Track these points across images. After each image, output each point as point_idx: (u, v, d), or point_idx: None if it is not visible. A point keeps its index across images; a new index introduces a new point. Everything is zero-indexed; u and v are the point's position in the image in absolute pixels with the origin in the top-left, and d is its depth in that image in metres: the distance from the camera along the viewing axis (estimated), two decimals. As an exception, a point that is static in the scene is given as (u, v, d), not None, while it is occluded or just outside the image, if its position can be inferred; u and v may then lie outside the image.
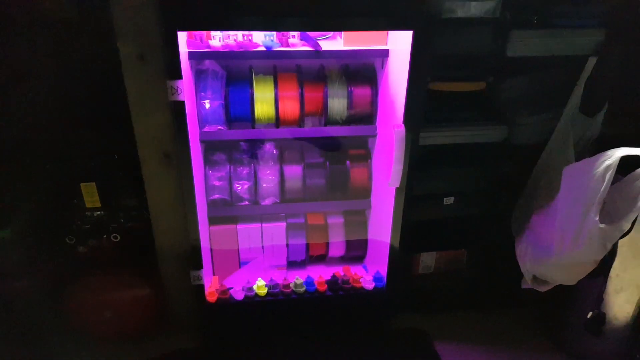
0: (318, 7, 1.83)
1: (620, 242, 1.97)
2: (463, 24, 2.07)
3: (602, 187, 1.82)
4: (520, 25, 2.09)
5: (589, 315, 2.21)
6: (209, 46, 2.07)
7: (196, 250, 2.17)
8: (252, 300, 2.33)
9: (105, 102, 1.99)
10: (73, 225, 2.16)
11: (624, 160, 1.83)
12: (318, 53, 2.11)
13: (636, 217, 1.85)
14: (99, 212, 2.16)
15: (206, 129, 2.23)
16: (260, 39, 2.10)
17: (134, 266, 2.28)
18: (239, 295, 2.33)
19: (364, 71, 2.32)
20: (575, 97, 2.18)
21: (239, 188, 2.40)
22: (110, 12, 1.75)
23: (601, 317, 2.21)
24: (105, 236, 2.19)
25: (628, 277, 2.12)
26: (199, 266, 2.20)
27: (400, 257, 2.33)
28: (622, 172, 1.85)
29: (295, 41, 2.10)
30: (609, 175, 1.81)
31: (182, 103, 1.87)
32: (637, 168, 1.83)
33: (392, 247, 2.29)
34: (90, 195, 2.10)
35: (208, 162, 2.38)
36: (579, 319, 2.28)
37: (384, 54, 2.16)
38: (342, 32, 2.12)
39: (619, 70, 2.16)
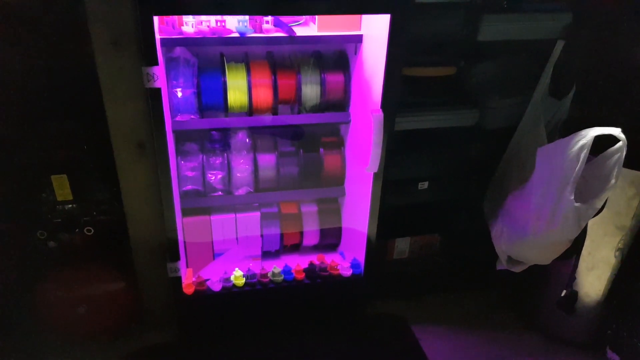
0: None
1: (591, 221, 2.03)
2: (436, 8, 2.08)
3: (577, 167, 1.87)
4: (491, 10, 2.12)
5: (562, 294, 2.28)
6: (181, 32, 2.02)
7: (173, 241, 2.12)
8: (230, 291, 2.30)
9: (76, 90, 1.90)
10: (44, 219, 2.07)
11: (595, 140, 1.87)
12: (292, 39, 2.08)
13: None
14: (70, 205, 2.07)
15: (178, 118, 2.17)
16: (234, 24, 2.06)
17: (108, 260, 2.21)
18: (216, 286, 2.29)
19: (336, 58, 2.30)
20: (544, 80, 2.22)
21: (212, 178, 2.36)
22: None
23: (574, 295, 2.28)
24: (77, 230, 2.11)
25: (599, 255, 2.18)
26: (176, 258, 2.15)
27: (377, 243, 2.33)
28: (594, 152, 1.90)
29: (269, 27, 2.07)
30: (583, 155, 1.85)
31: (159, 90, 1.81)
32: (608, 148, 1.88)
33: (369, 233, 2.29)
34: (61, 187, 2.02)
35: (180, 152, 2.32)
36: (552, 298, 2.35)
37: (358, 39, 2.15)
38: (316, 18, 2.09)
39: (586, 54, 2.22)
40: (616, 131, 1.85)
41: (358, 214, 2.37)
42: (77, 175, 2.05)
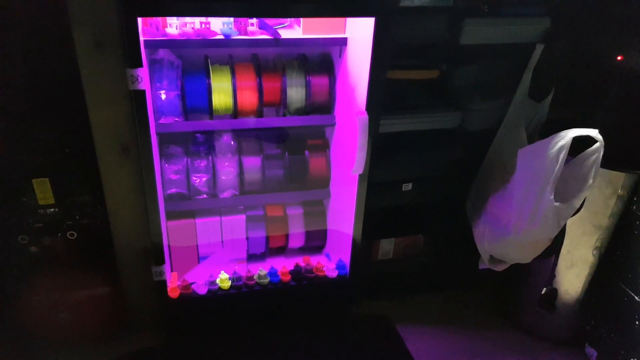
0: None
1: (570, 220, 2.08)
2: (419, 12, 2.11)
3: (556, 167, 1.92)
4: (472, 14, 2.16)
5: (542, 292, 2.33)
6: (165, 34, 2.00)
7: (157, 245, 2.10)
8: (216, 294, 2.29)
9: (58, 92, 1.87)
10: (25, 224, 2.03)
11: (574, 141, 1.93)
12: (277, 41, 2.09)
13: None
14: (52, 209, 2.04)
15: (162, 120, 2.15)
16: (219, 26, 2.05)
17: (92, 264, 2.18)
18: (201, 289, 2.28)
19: (321, 60, 2.32)
20: (524, 83, 2.28)
21: (197, 181, 2.34)
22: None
23: (553, 293, 2.33)
24: (60, 234, 2.07)
25: (578, 253, 2.24)
26: (161, 262, 2.13)
27: (362, 244, 2.35)
28: (572, 152, 1.95)
29: (253, 29, 2.07)
30: (562, 156, 1.91)
31: (143, 92, 1.80)
32: (586, 149, 1.94)
33: (354, 235, 2.31)
34: (43, 191, 1.98)
35: (164, 155, 2.30)
36: (533, 296, 2.40)
37: (343, 42, 2.17)
38: (301, 21, 2.11)
39: (564, 57, 2.28)
40: (594, 132, 1.91)
41: (343, 215, 2.39)
42: (60, 179, 2.01)
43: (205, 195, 2.36)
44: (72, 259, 2.14)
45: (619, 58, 2.19)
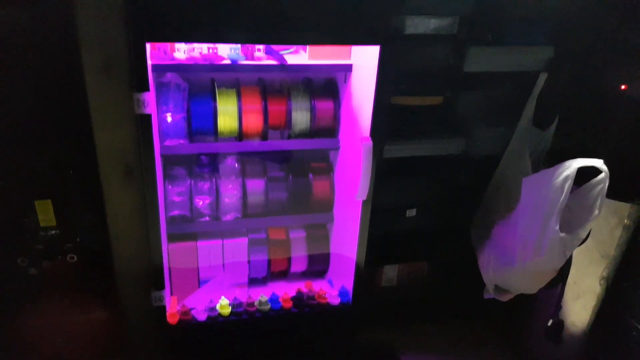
0: (294, 22, 1.83)
1: (576, 250, 2.06)
2: (424, 40, 2.13)
3: (562, 197, 1.90)
4: (476, 42, 2.18)
5: (549, 323, 2.28)
6: (173, 58, 2.03)
7: (158, 269, 2.08)
8: (215, 320, 2.25)
9: (64, 114, 1.88)
10: (25, 245, 2.01)
11: (578, 170, 1.92)
12: (283, 67, 2.11)
13: (591, 226, 1.95)
14: (53, 231, 2.02)
15: (167, 142, 2.16)
16: (226, 52, 2.08)
17: (91, 288, 2.15)
18: (201, 315, 2.25)
19: (326, 85, 2.33)
20: (528, 111, 2.28)
21: (200, 203, 2.34)
22: (74, 21, 1.67)
23: (560, 325, 2.28)
24: (60, 256, 2.05)
25: (585, 284, 2.20)
26: (161, 286, 2.11)
27: (365, 270, 2.32)
28: (577, 182, 1.94)
29: (260, 55, 2.10)
30: (567, 186, 1.89)
31: (149, 116, 1.81)
32: (591, 178, 1.92)
33: (358, 261, 2.28)
34: (44, 213, 1.97)
35: (167, 176, 2.30)
36: (539, 327, 2.35)
37: (348, 68, 2.19)
38: (307, 47, 2.13)
39: (567, 86, 2.28)
40: (599, 163, 1.89)
41: (346, 240, 2.37)
42: (62, 201, 2.00)
43: (207, 218, 2.35)
44: (72, 282, 2.11)
45: (622, 87, 2.19)
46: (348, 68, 2.19)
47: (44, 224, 2.01)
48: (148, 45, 1.77)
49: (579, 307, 2.26)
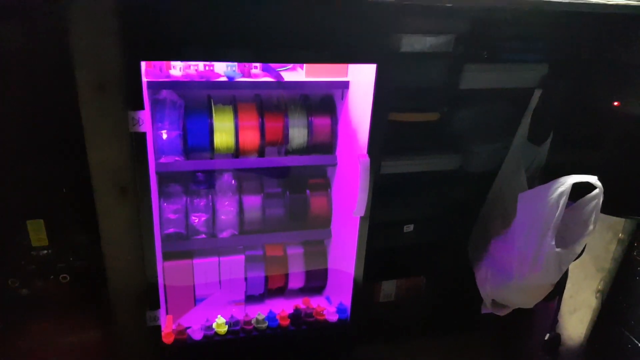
0: (291, 41, 1.83)
1: (572, 264, 2.07)
2: (420, 57, 2.14)
3: (557, 213, 1.92)
4: (472, 60, 2.19)
5: (546, 337, 2.30)
6: (168, 76, 2.02)
7: (154, 288, 2.05)
8: (212, 339, 2.22)
9: (57, 133, 1.85)
10: (17, 266, 1.97)
11: (573, 185, 1.94)
12: (280, 84, 2.11)
13: (586, 240, 1.97)
14: (46, 251, 1.98)
15: (162, 160, 2.14)
16: (222, 69, 2.07)
17: (84, 309, 2.10)
18: (197, 335, 2.21)
19: (323, 102, 2.34)
20: (523, 127, 2.30)
21: (196, 221, 2.32)
22: (68, 39, 1.65)
23: (557, 338, 2.30)
24: (52, 276, 2.01)
25: (581, 297, 2.23)
26: (156, 306, 2.07)
27: (363, 286, 2.31)
28: (571, 197, 1.96)
29: (257, 72, 2.09)
30: (562, 202, 1.91)
31: (144, 134, 1.79)
32: (585, 194, 1.94)
33: (356, 277, 2.27)
34: (37, 232, 1.93)
35: (163, 194, 2.28)
36: (536, 340, 2.37)
37: (345, 85, 2.19)
38: (304, 64, 2.13)
39: (562, 102, 2.31)
40: (593, 179, 1.92)
41: (344, 256, 2.36)
42: (54, 220, 1.97)
43: (204, 235, 2.33)
44: (64, 303, 2.06)
45: (615, 104, 2.22)
46: (345, 85, 2.19)
47: (35, 244, 1.97)
48: (143, 64, 1.75)
49: (576, 320, 2.28)
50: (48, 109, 1.83)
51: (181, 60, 1.99)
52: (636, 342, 2.07)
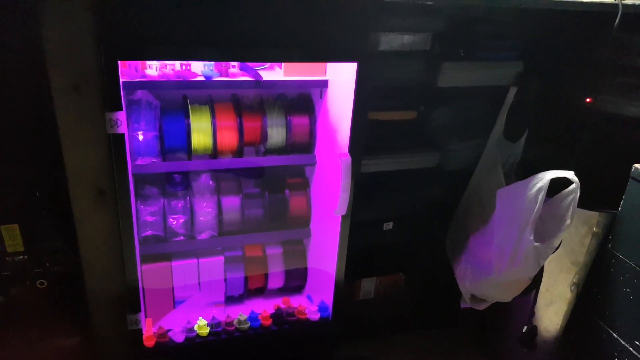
0: (268, 40, 1.81)
1: (548, 258, 2.11)
2: (398, 56, 2.15)
3: (535, 208, 1.96)
4: (449, 58, 2.22)
5: (523, 330, 2.34)
6: (144, 75, 1.97)
7: (134, 292, 2.02)
8: (193, 342, 2.20)
9: (31, 135, 1.80)
10: (-9, 273, 1.92)
11: (550, 181, 1.98)
12: (258, 83, 2.09)
13: (562, 235, 2.01)
14: (21, 257, 1.93)
15: (139, 161, 2.10)
16: (200, 68, 2.04)
17: (62, 314, 2.06)
18: (179, 337, 2.19)
19: (301, 101, 2.32)
20: (499, 124, 2.33)
21: (174, 223, 2.28)
22: (42, 39, 1.60)
23: (534, 331, 2.35)
24: (28, 282, 1.96)
25: (556, 290, 2.27)
26: (136, 309, 2.04)
27: (345, 284, 2.32)
28: (548, 193, 2.00)
29: (235, 71, 2.07)
30: (540, 197, 1.95)
31: (122, 136, 1.75)
32: (561, 189, 1.98)
33: (337, 275, 2.27)
34: (12, 238, 1.88)
35: (139, 196, 2.24)
36: (513, 334, 2.41)
37: (324, 84, 2.18)
38: (282, 63, 2.12)
39: (537, 99, 2.35)
40: (570, 174, 1.96)
41: (324, 255, 2.36)
42: (30, 225, 1.92)
43: (182, 237, 2.30)
44: (42, 309, 2.02)
45: (588, 100, 2.28)
46: (324, 84, 2.18)
47: (11, 250, 1.92)
48: (120, 64, 1.71)
49: (552, 313, 2.32)
50: (22, 111, 1.78)
51: (158, 59, 1.95)
52: (611, 332, 2.13)
